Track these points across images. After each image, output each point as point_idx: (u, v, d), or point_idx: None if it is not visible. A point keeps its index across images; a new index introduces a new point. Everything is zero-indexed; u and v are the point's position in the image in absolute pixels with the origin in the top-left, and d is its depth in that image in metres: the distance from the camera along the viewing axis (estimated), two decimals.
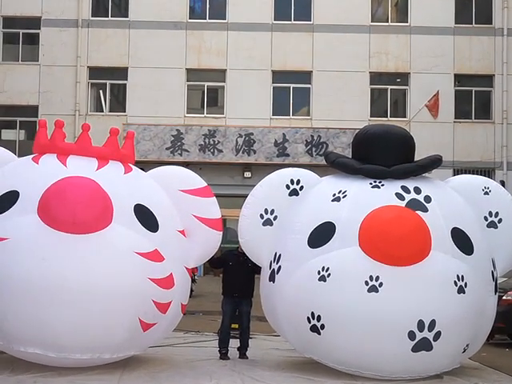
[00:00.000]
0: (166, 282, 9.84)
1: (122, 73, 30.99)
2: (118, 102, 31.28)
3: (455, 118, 30.61)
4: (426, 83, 30.34)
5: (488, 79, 31.06)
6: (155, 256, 9.76)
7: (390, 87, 31.21)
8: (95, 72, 31.19)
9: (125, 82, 31.05)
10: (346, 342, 9.74)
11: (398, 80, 31.16)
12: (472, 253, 10.11)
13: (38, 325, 9.36)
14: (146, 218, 10.09)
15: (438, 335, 9.58)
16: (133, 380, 9.56)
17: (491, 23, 31.09)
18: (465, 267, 9.88)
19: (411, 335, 9.52)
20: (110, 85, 31.42)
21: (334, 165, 11.15)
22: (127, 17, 31.15)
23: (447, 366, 10.26)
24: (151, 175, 11.16)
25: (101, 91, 31.39)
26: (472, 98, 31.20)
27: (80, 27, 30.81)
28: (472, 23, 31.16)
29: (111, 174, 10.42)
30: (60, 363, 9.80)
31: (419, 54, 30.69)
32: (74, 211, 9.42)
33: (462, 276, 9.74)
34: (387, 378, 9.89)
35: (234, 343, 11.81)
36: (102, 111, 30.71)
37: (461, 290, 9.70)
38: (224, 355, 11.61)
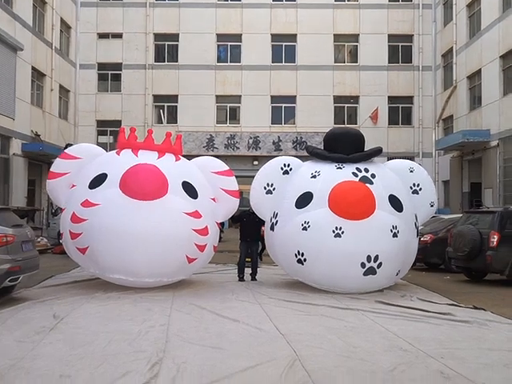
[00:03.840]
0: (203, 231, 9.64)
1: (174, 98, 30.67)
2: (173, 117, 30.85)
3: (388, 125, 30.22)
4: (369, 102, 30.00)
5: (409, 99, 30.58)
6: (196, 214, 9.55)
7: (346, 105, 30.74)
8: (157, 98, 30.84)
9: (176, 104, 30.73)
10: (321, 269, 9.57)
11: (352, 100, 30.66)
12: (402, 211, 9.85)
13: (122, 259, 9.29)
14: (190, 190, 9.87)
15: (380, 265, 9.41)
16: (182, 295, 9.33)
17: (411, 62, 30.59)
18: (397, 220, 9.65)
19: (362, 265, 9.37)
20: (167, 106, 31.02)
21: (312, 154, 10.85)
22: (177, 62, 30.76)
23: (386, 284, 10.05)
24: (193, 162, 10.89)
25: (161, 110, 31.03)
26: (399, 111, 30.77)
27: (147, 69, 30.53)
28: (399, 62, 30.66)
29: (167, 161, 10.17)
30: (135, 284, 9.65)
31: (365, 84, 30.26)
32: (143, 185, 9.26)
33: (396, 226, 9.55)
34: (347, 292, 9.67)
35: (248, 270, 11.58)
36: (162, 123, 30.37)
37: (395, 235, 9.51)
38: (241, 279, 11.40)
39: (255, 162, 28.57)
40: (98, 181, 9.63)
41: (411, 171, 10.63)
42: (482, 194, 24.01)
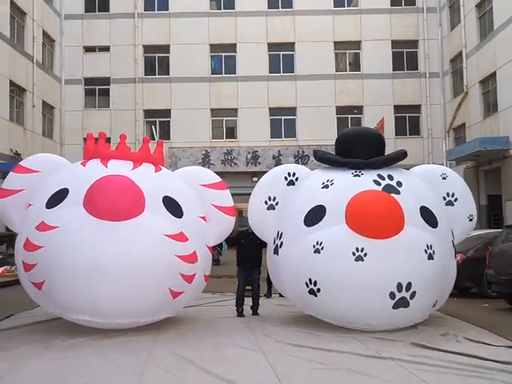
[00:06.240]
0: (191, 258, 7.76)
1: (166, 113, 28.94)
2: (165, 132, 29.01)
3: (395, 135, 28.31)
4: (374, 112, 28.07)
5: (417, 108, 28.87)
6: (180, 237, 7.68)
7: (349, 116, 28.98)
8: (148, 113, 29.10)
9: (169, 119, 29.01)
10: (339, 302, 7.65)
11: (355, 111, 28.98)
12: (437, 226, 8.00)
13: (86, 296, 7.39)
14: (173, 207, 7.99)
15: (413, 294, 7.52)
16: (165, 340, 7.38)
17: (417, 69, 28.92)
18: (432, 238, 7.79)
19: (392, 295, 7.48)
20: (159, 121, 29.30)
21: (322, 160, 8.98)
22: (169, 74, 29.08)
23: (420, 319, 8.11)
24: (177, 174, 9.06)
25: (153, 126, 29.26)
26: (406, 121, 29.04)
27: (137, 83, 28.87)
28: (404, 70, 28.97)
29: (144, 172, 8.28)
30: (105, 326, 7.73)
31: (369, 93, 28.51)
32: (112, 202, 7.40)
33: (431, 245, 7.68)
34: (373, 330, 7.74)
35: (248, 301, 9.64)
36: (154, 140, 28.49)
37: (430, 257, 7.64)
38: (240, 313, 9.46)
39: (254, 179, 26.56)
40: (58, 198, 7.77)
41: (444, 178, 8.75)
42: (503, 207, 22.12)
